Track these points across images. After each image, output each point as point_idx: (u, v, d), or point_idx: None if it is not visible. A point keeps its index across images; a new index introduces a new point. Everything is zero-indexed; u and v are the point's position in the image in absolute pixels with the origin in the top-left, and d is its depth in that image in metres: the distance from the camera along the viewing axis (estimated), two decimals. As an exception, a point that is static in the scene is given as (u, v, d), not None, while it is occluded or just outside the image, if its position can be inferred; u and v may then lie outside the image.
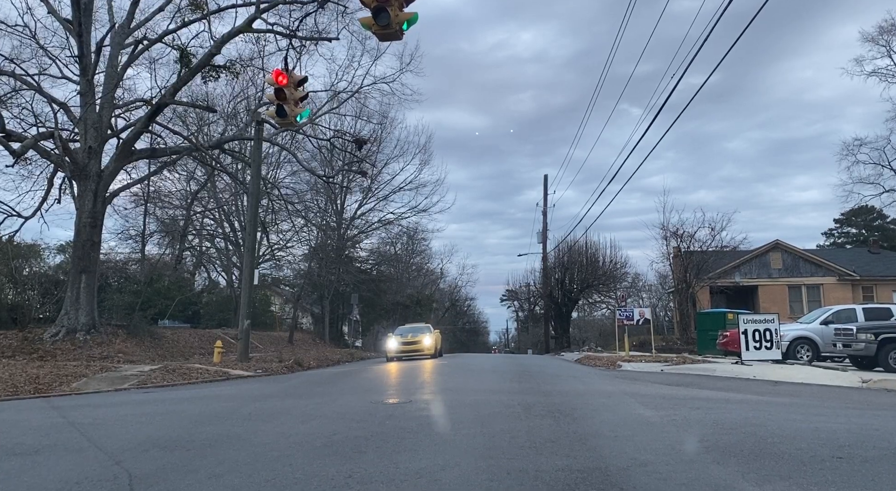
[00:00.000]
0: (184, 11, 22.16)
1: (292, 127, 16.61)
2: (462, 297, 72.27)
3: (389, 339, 28.22)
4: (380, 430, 7.41)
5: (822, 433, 6.95)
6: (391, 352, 26.76)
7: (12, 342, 19.08)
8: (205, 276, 43.99)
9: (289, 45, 19.39)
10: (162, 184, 35.84)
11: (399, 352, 26.51)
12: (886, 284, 37.75)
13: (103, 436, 7.30)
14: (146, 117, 21.44)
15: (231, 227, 39.05)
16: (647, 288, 55.76)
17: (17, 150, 19.18)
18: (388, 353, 27.02)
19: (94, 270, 21.17)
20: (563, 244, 44.45)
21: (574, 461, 5.53)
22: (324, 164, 34.86)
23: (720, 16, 10.12)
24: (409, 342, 27.09)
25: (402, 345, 26.94)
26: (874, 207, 50.70)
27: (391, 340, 27.81)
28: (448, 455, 5.93)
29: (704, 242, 35.30)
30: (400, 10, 8.85)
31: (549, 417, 7.88)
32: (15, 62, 20.92)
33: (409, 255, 53.76)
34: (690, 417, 8.03)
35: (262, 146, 23.28)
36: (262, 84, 27.59)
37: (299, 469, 5.46)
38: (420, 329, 29.06)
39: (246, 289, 20.59)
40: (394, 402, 9.89)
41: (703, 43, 10.97)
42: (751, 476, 5.06)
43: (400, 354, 26.44)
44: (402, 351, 26.57)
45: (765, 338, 18.24)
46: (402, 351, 26.56)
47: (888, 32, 36.06)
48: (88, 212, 20.64)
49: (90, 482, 5.24)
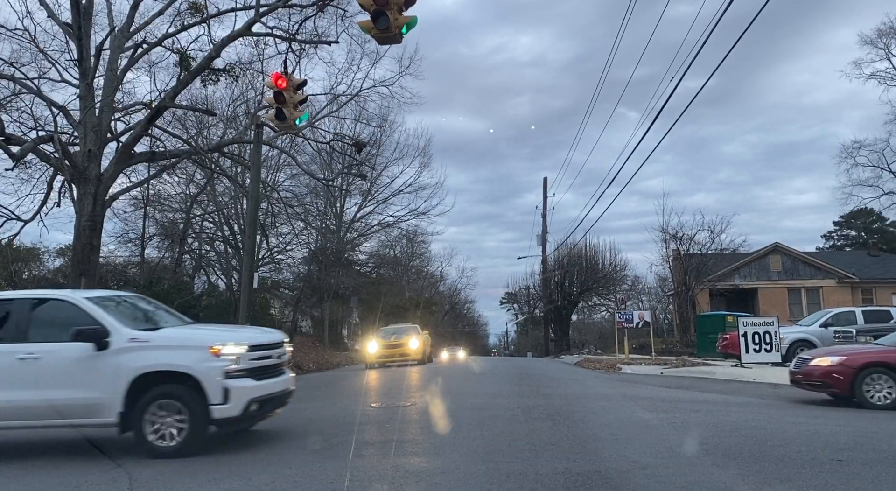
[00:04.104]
0: (183, 15, 22.17)
1: (291, 130, 16.59)
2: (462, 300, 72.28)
3: (370, 342, 24.02)
4: (379, 432, 7.41)
5: (822, 436, 6.95)
6: (371, 357, 22.51)
7: (11, 346, 19.07)
8: (204, 279, 43.86)
9: (288, 48, 19.36)
10: (161, 187, 35.75)
11: (380, 357, 22.31)
12: (886, 286, 37.74)
13: (103, 439, 7.29)
14: (146, 121, 21.43)
15: (231, 231, 39.00)
16: (647, 291, 55.73)
17: (16, 153, 19.16)
18: (368, 358, 22.84)
19: (93, 273, 21.13)
20: (563, 247, 44.44)
21: (573, 464, 5.53)
22: (323, 168, 34.86)
23: (718, 20, 10.16)
24: (393, 345, 22.73)
25: (383, 349, 22.60)
26: (873, 210, 50.72)
27: (371, 343, 23.54)
28: (448, 457, 5.93)
29: (704, 245, 35.31)
30: (399, 14, 8.86)
31: (549, 420, 7.88)
32: (14, 66, 20.91)
33: (408, 258, 53.71)
34: (690, 419, 8.03)
35: (261, 149, 23.26)
36: (261, 87, 27.57)
37: (298, 472, 5.45)
38: (405, 330, 24.94)
39: (245, 292, 20.55)
40: (393, 405, 9.88)
41: (702, 47, 11.01)
42: (751, 479, 5.06)
43: (382, 359, 22.28)
44: (383, 356, 22.37)
45: (764, 340, 18.24)
46: (384, 356, 22.37)
47: (887, 35, 36.11)
48: (88, 215, 20.62)
49: (90, 485, 5.24)
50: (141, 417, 6.33)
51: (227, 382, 6.32)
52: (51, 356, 6.54)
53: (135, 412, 6.33)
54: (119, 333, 6.54)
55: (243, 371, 6.48)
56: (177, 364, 6.42)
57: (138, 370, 6.37)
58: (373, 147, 37.36)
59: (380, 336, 24.08)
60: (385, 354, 22.54)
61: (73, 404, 6.44)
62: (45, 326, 6.84)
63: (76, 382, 6.45)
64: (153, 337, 6.70)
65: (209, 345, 6.50)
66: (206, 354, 6.41)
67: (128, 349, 6.46)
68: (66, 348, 6.53)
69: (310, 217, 39.95)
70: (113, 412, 6.36)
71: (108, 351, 6.45)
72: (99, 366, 6.44)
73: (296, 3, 20.27)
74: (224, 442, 6.91)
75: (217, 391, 6.28)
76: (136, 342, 6.51)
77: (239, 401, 6.35)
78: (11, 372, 6.46)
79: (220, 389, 6.29)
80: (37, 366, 6.48)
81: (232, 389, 6.32)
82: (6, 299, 7.21)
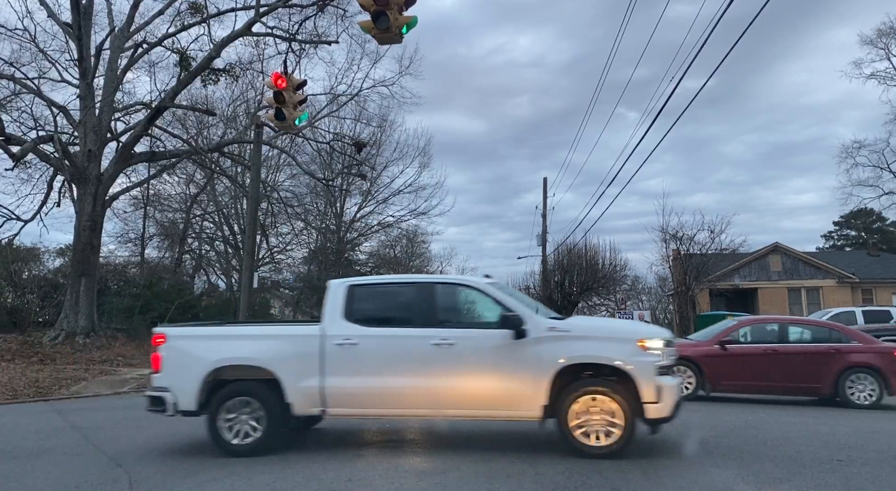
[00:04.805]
0: (183, 15, 22.18)
1: (291, 130, 16.59)
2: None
3: None
4: (379, 433, 7.42)
5: (822, 436, 6.96)
6: None
7: (12, 346, 19.06)
8: (204, 279, 43.88)
9: (288, 48, 19.36)
10: (161, 187, 35.78)
11: None
12: (886, 286, 37.73)
13: (103, 439, 7.30)
14: (146, 120, 21.44)
15: (230, 231, 39.01)
16: (647, 291, 55.66)
17: (16, 153, 19.17)
18: None
19: (93, 273, 21.15)
20: (563, 247, 44.43)
21: (573, 464, 5.54)
22: (323, 168, 34.83)
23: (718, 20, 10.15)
24: None
25: None
26: (873, 210, 50.69)
27: None
28: (448, 457, 5.93)
29: (704, 245, 35.29)
30: (399, 14, 8.87)
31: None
32: (14, 66, 20.92)
33: (408, 257, 53.67)
34: (689, 420, 8.02)
35: (261, 149, 23.26)
36: (261, 87, 27.57)
37: (299, 472, 5.46)
38: None
39: (245, 292, 20.55)
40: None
41: (702, 48, 11.00)
42: (750, 479, 5.07)
43: None
44: None
45: (764, 340, 18.20)
46: None
47: (887, 35, 36.11)
48: (88, 215, 20.64)
49: (90, 485, 5.25)
50: (565, 414, 5.84)
51: (659, 379, 5.80)
52: (467, 343, 6.10)
53: (558, 406, 5.86)
54: (533, 321, 6.08)
55: (666, 368, 6.00)
56: (607, 356, 5.88)
57: (563, 361, 5.88)
58: (373, 147, 37.30)
59: None
60: None
61: (494, 395, 6.02)
62: (454, 312, 6.55)
63: (497, 372, 6.01)
64: (570, 327, 6.22)
65: (637, 338, 5.98)
66: (635, 347, 5.88)
67: (548, 339, 5.99)
68: (484, 336, 6.12)
69: (310, 217, 39.96)
70: (535, 405, 5.89)
71: (526, 340, 5.99)
72: (519, 355, 5.97)
73: (296, 3, 20.27)
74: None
75: (651, 389, 5.74)
76: (556, 331, 6.05)
77: (670, 400, 5.84)
78: (426, 358, 6.08)
79: (654, 387, 5.75)
80: (453, 352, 6.07)
81: (664, 387, 5.80)
82: (413, 282, 6.85)
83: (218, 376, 6.31)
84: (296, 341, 6.36)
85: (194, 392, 6.24)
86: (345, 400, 6.16)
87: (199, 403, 6.26)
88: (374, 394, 6.13)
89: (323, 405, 6.18)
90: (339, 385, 6.15)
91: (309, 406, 6.19)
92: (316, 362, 6.19)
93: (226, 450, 6.14)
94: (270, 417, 6.15)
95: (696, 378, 10.84)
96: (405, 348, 6.19)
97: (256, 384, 6.25)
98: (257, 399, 6.21)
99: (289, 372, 6.18)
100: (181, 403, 6.28)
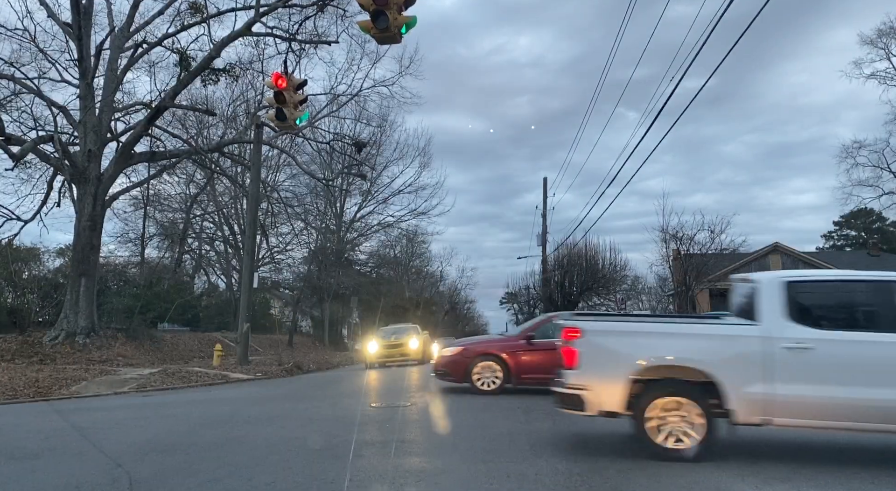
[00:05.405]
0: (183, 15, 22.19)
1: (291, 130, 16.59)
2: (462, 300, 72.31)
3: (370, 342, 24.07)
4: (379, 433, 7.42)
5: (821, 435, 6.96)
6: (371, 357, 22.66)
7: (12, 346, 19.07)
8: (204, 279, 43.92)
9: (288, 48, 19.37)
10: (161, 187, 35.83)
11: (380, 357, 22.48)
12: (886, 286, 37.81)
13: (103, 439, 7.30)
14: (146, 120, 21.45)
15: (230, 231, 39.02)
16: (647, 290, 55.69)
17: (16, 153, 19.19)
18: (368, 358, 22.94)
19: (93, 273, 21.15)
20: (563, 247, 44.43)
21: (573, 464, 5.54)
22: (323, 168, 34.83)
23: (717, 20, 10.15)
24: (393, 345, 22.87)
25: (383, 349, 22.76)
26: (873, 210, 50.74)
27: (371, 342, 23.63)
28: (448, 457, 5.93)
29: (704, 245, 35.28)
30: (399, 14, 8.87)
31: (549, 420, 7.87)
32: (14, 66, 20.94)
33: (408, 257, 53.76)
34: (690, 419, 8.03)
35: (261, 149, 23.28)
36: (261, 87, 27.58)
37: (299, 472, 5.46)
38: (405, 330, 24.83)
39: (245, 292, 20.58)
40: (393, 405, 9.89)
41: (701, 48, 10.99)
42: (750, 479, 5.07)
43: (382, 359, 22.46)
44: (383, 356, 22.53)
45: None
46: (384, 356, 22.53)
47: (887, 35, 36.12)
48: (88, 215, 20.64)
49: (90, 485, 5.24)
50: None
51: None
52: None
53: None
54: None
55: None
56: None
57: None
58: (373, 147, 37.34)
59: (380, 336, 24.06)
60: (385, 353, 22.57)
61: None
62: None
63: None
64: None
65: None
66: None
67: None
68: None
69: (310, 217, 40.00)
70: None
71: None
72: None
73: (296, 3, 20.27)
74: (225, 442, 6.91)
75: None
76: None
77: None
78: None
79: None
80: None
81: None
82: (870, 281, 6.03)
83: (645, 376, 5.85)
84: (734, 342, 5.81)
85: (619, 392, 5.82)
86: (797, 410, 5.64)
87: (625, 404, 5.83)
88: (832, 405, 5.58)
89: (769, 414, 5.66)
90: (791, 394, 5.60)
91: (752, 414, 5.69)
92: (759, 367, 5.67)
93: (657, 453, 5.72)
94: (710, 422, 5.71)
95: (503, 372, 11.04)
96: (874, 355, 5.58)
97: (690, 387, 5.79)
98: (693, 402, 5.75)
99: (730, 376, 5.67)
100: (605, 402, 5.86)
